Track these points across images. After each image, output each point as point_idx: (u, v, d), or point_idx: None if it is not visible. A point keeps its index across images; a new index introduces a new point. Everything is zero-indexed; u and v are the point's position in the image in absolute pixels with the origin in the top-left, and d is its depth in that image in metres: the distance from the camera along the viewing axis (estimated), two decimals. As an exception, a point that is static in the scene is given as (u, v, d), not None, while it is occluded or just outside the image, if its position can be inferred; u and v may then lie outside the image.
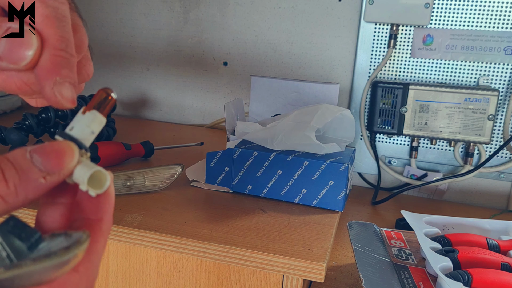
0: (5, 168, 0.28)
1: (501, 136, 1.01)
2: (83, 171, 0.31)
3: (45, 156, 0.29)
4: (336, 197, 0.75)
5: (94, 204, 0.33)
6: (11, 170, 0.28)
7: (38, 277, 0.28)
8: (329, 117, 0.79)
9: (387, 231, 0.75)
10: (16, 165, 0.28)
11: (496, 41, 0.98)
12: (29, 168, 0.28)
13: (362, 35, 1.06)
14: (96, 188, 0.32)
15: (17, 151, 0.29)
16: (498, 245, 0.67)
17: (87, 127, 0.32)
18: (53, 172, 0.29)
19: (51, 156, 0.29)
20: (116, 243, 0.71)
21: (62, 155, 0.30)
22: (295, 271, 0.62)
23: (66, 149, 0.30)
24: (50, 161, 0.29)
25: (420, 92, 0.99)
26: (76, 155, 0.30)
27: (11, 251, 0.28)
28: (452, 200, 1.08)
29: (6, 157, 0.29)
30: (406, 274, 0.63)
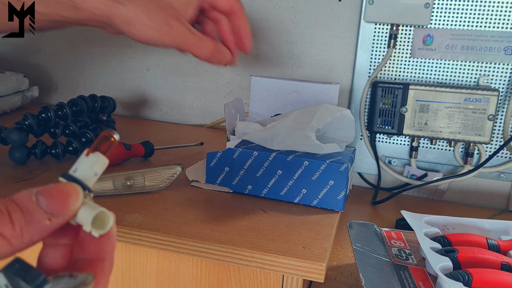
0: (12, 211, 0.28)
1: (501, 136, 1.01)
2: (87, 213, 0.32)
3: (50, 198, 0.30)
4: (336, 197, 0.75)
5: (96, 244, 0.34)
6: (17, 212, 0.28)
7: None
8: (329, 117, 0.79)
9: (387, 231, 0.75)
10: (22, 207, 0.29)
11: (496, 41, 0.98)
12: (35, 210, 0.29)
13: (362, 35, 1.06)
14: (99, 229, 0.33)
15: (23, 193, 0.30)
16: (498, 245, 0.67)
17: (90, 169, 0.33)
18: (58, 214, 0.30)
19: (56, 198, 0.30)
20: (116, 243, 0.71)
21: (67, 197, 0.30)
22: (295, 271, 0.62)
23: (71, 191, 0.31)
24: (55, 203, 0.30)
25: (420, 92, 0.99)
26: (80, 197, 0.31)
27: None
28: (452, 200, 1.08)
29: (12, 199, 0.29)
30: (406, 274, 0.63)
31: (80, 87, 1.38)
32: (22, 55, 1.42)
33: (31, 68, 1.42)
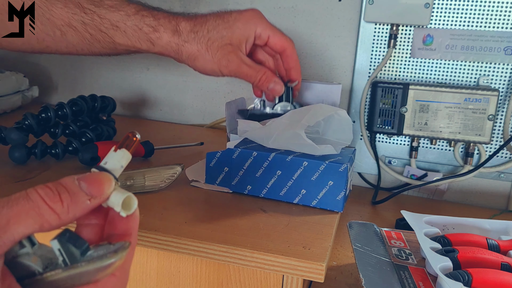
0: (60, 191, 0.35)
1: (501, 136, 1.01)
2: (117, 196, 0.38)
3: (90, 183, 0.37)
4: (335, 198, 0.75)
5: (124, 223, 0.41)
6: (65, 193, 0.35)
7: (87, 278, 0.36)
8: (321, 116, 0.79)
9: (387, 231, 0.75)
10: (68, 189, 0.36)
11: (496, 41, 0.98)
12: (78, 192, 0.36)
13: (362, 35, 1.06)
14: (127, 210, 0.39)
15: (67, 178, 0.37)
16: (498, 245, 0.67)
17: (117, 162, 0.40)
18: (95, 196, 0.37)
19: (95, 183, 0.37)
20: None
21: (103, 183, 0.37)
22: (295, 271, 0.62)
23: (105, 179, 0.38)
24: (94, 188, 0.37)
25: (420, 92, 0.99)
26: (112, 184, 0.38)
27: (66, 256, 0.36)
28: (452, 200, 1.08)
29: (60, 183, 0.36)
30: (406, 274, 0.63)
31: (80, 87, 1.38)
32: (22, 55, 1.42)
33: (31, 68, 1.42)
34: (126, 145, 0.41)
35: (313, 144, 0.75)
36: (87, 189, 0.37)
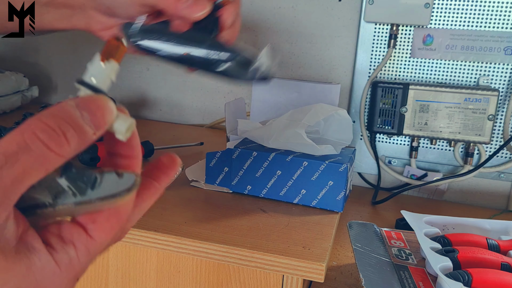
0: (65, 130, 0.30)
1: (501, 136, 1.01)
2: (120, 123, 0.34)
3: (92, 113, 0.32)
4: (335, 198, 0.75)
5: (126, 144, 0.37)
6: (70, 131, 0.30)
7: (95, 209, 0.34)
8: (321, 116, 0.79)
9: (387, 231, 0.75)
10: (73, 125, 0.31)
11: (496, 41, 0.98)
12: (84, 127, 0.31)
13: (362, 35, 1.06)
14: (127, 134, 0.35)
15: (67, 107, 0.31)
16: (498, 245, 0.67)
17: (107, 77, 0.34)
18: (99, 127, 0.32)
19: (97, 113, 0.32)
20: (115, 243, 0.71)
21: (105, 111, 0.32)
22: (295, 271, 0.62)
23: (106, 106, 0.33)
24: (97, 118, 0.32)
25: (420, 92, 0.99)
26: (114, 110, 0.33)
27: (77, 191, 0.33)
28: (452, 200, 1.08)
29: (61, 117, 0.31)
30: (406, 274, 0.63)
31: (80, 87, 1.38)
32: (22, 55, 1.42)
33: (31, 68, 1.42)
34: (113, 55, 0.35)
35: (313, 144, 0.75)
36: (90, 121, 0.32)
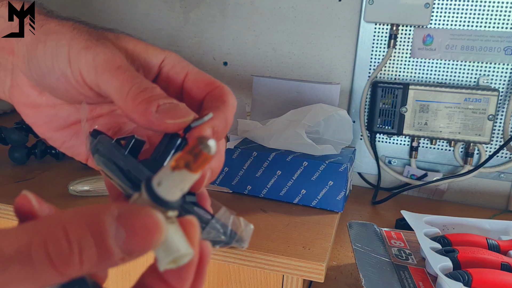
0: (85, 248, 0.23)
1: (501, 136, 1.01)
2: (162, 252, 0.27)
3: (131, 233, 0.24)
4: (335, 198, 0.75)
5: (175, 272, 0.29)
6: (91, 250, 0.23)
7: None
8: (321, 116, 0.79)
9: (387, 231, 0.75)
10: (99, 245, 0.23)
11: (496, 41, 0.98)
12: (111, 250, 0.24)
13: (362, 35, 1.06)
14: (172, 264, 0.27)
15: (102, 218, 0.24)
16: (498, 245, 0.67)
17: (174, 186, 0.27)
18: (132, 254, 0.24)
19: (138, 237, 0.24)
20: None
21: (150, 237, 0.24)
22: (295, 271, 0.62)
23: (155, 229, 0.25)
24: (135, 244, 0.24)
25: (420, 92, 0.99)
26: (162, 238, 0.25)
27: None
28: (452, 200, 1.08)
29: (90, 230, 0.23)
30: (406, 274, 0.63)
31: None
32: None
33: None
34: (192, 166, 0.26)
35: (313, 144, 0.75)
36: (123, 244, 0.24)
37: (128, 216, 0.24)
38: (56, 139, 0.43)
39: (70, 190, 0.75)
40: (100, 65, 0.36)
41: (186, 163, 0.26)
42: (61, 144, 0.43)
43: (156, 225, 0.24)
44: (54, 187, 0.79)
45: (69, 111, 0.42)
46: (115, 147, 0.36)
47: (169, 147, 0.35)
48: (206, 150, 0.26)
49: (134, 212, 0.24)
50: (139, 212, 0.24)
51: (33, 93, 0.41)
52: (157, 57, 0.41)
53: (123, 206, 0.25)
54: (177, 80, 0.40)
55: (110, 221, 0.24)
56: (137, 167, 0.34)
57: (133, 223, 0.24)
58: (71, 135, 0.43)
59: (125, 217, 0.24)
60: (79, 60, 0.36)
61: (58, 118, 0.42)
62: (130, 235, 0.24)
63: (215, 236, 0.34)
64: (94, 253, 0.23)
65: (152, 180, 0.27)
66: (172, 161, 0.26)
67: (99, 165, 0.37)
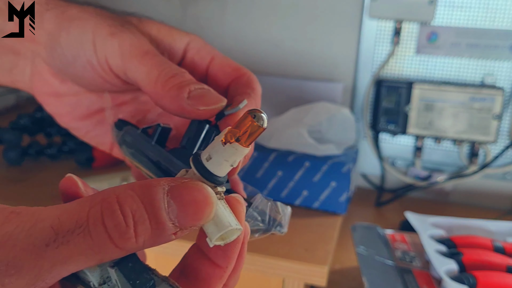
0: (139, 221, 0.24)
1: (507, 135, 1.00)
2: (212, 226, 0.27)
3: (183, 208, 0.25)
4: (338, 199, 0.73)
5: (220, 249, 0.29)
6: (145, 223, 0.24)
7: None
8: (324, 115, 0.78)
9: (391, 234, 0.74)
10: (151, 217, 0.24)
11: (502, 39, 0.97)
12: (164, 224, 0.24)
13: (365, 32, 1.04)
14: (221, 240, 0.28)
15: (155, 191, 0.24)
16: (504, 247, 0.66)
17: (225, 161, 0.27)
18: (185, 228, 0.25)
19: (189, 210, 0.25)
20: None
21: (201, 210, 0.25)
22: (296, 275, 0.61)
23: (207, 203, 0.25)
24: (187, 216, 0.25)
25: (424, 90, 0.98)
26: (213, 211, 0.26)
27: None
28: (457, 201, 1.06)
29: (143, 204, 0.24)
30: (410, 278, 0.62)
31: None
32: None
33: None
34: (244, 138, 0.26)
35: (315, 144, 0.74)
36: (176, 218, 0.24)
37: (179, 190, 0.25)
38: (80, 129, 0.43)
39: (65, 191, 0.74)
40: (127, 52, 0.35)
41: (237, 137, 0.26)
42: (85, 133, 0.44)
43: (207, 199, 0.25)
44: (49, 188, 0.78)
45: (91, 99, 0.42)
46: (143, 138, 0.37)
47: (198, 134, 0.35)
48: (260, 122, 0.26)
49: (184, 186, 0.25)
50: (190, 186, 0.25)
51: (55, 81, 0.41)
52: (181, 41, 0.41)
53: (174, 179, 0.25)
54: (202, 64, 0.40)
55: (161, 195, 0.24)
56: (167, 157, 0.35)
57: (184, 196, 0.25)
58: (94, 124, 0.43)
59: (176, 191, 0.25)
60: (105, 47, 0.36)
61: (80, 107, 0.42)
62: (182, 208, 0.24)
63: (253, 225, 0.34)
64: (148, 226, 0.24)
65: (200, 155, 0.27)
66: (221, 135, 0.26)
67: (127, 156, 0.38)
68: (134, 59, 0.35)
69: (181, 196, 0.25)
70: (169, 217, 0.24)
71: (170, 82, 0.33)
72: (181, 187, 0.25)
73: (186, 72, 0.35)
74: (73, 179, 0.30)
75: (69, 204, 0.25)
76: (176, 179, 0.25)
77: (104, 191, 0.25)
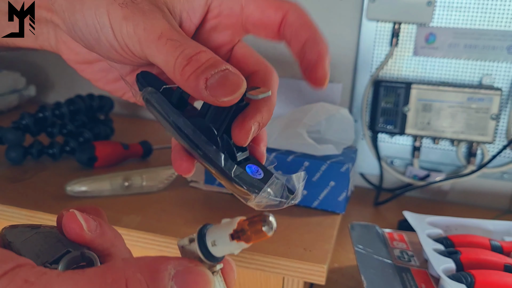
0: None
1: (505, 135, 1.00)
2: None
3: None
4: (337, 199, 0.74)
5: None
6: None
7: None
8: (323, 115, 0.78)
9: (389, 233, 0.74)
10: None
11: (499, 40, 0.97)
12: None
13: (364, 33, 1.05)
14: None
15: (162, 276, 0.27)
16: (501, 246, 0.67)
17: (229, 251, 0.30)
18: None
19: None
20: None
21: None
22: (295, 273, 0.61)
23: (206, 285, 0.28)
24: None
25: (422, 91, 0.98)
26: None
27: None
28: (455, 200, 1.07)
29: (148, 286, 0.26)
30: (408, 276, 0.62)
31: (78, 86, 1.37)
32: (19, 54, 1.41)
33: (28, 67, 1.41)
34: (249, 239, 0.28)
35: (314, 144, 0.74)
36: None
37: (184, 276, 0.27)
38: (117, 90, 0.43)
39: (67, 190, 0.75)
40: (143, 37, 0.34)
41: (245, 238, 0.28)
42: (123, 94, 0.43)
43: (207, 284, 0.28)
44: (50, 187, 0.78)
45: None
46: (163, 101, 0.38)
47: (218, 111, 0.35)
48: (269, 232, 0.28)
49: (189, 271, 0.27)
50: (194, 272, 0.28)
51: (82, 50, 0.40)
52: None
53: (180, 263, 0.28)
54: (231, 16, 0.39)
55: (167, 280, 0.27)
56: (185, 124, 0.36)
57: (188, 281, 0.27)
58: (132, 83, 0.42)
59: (181, 277, 0.27)
60: (122, 33, 0.35)
61: (113, 71, 0.42)
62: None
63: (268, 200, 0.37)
64: None
65: (206, 237, 0.30)
66: (230, 228, 0.29)
67: (151, 112, 0.39)
68: (151, 45, 0.34)
69: (184, 281, 0.27)
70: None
71: (187, 71, 0.32)
72: (186, 273, 0.27)
73: (202, 52, 0.33)
74: (76, 218, 0.32)
75: (81, 277, 0.26)
76: (182, 263, 0.28)
77: (115, 268, 0.27)
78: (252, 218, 0.28)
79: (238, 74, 0.33)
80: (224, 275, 0.31)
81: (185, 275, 0.27)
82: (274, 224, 0.28)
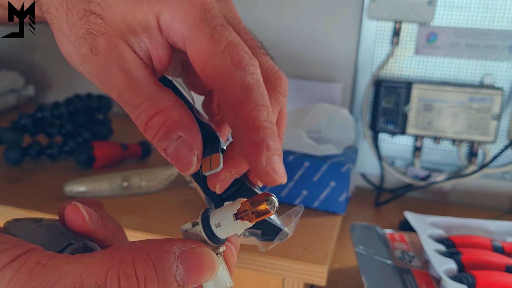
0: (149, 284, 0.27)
1: (506, 135, 1.00)
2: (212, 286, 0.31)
3: (190, 272, 0.28)
4: (337, 199, 0.73)
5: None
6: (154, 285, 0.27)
7: None
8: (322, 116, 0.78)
9: (390, 233, 0.74)
10: (161, 281, 0.27)
11: (501, 40, 0.97)
12: (171, 284, 0.28)
13: (364, 32, 1.04)
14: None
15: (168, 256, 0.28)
16: (503, 247, 0.66)
17: (232, 231, 0.30)
18: (187, 286, 0.28)
19: (195, 273, 0.28)
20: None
21: (203, 273, 0.29)
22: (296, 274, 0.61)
23: (209, 268, 0.29)
24: (191, 277, 0.28)
25: (423, 91, 0.98)
26: (215, 274, 0.30)
27: None
28: (456, 201, 1.06)
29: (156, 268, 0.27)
30: (409, 277, 0.62)
31: (76, 85, 1.37)
32: (17, 53, 1.41)
33: (27, 66, 1.40)
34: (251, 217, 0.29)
35: (314, 144, 0.74)
36: (181, 278, 0.28)
37: (189, 256, 0.28)
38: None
39: (66, 191, 0.74)
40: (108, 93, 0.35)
41: (249, 217, 0.29)
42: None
43: (212, 264, 0.29)
44: (49, 188, 0.78)
45: None
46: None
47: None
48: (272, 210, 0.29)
49: (193, 252, 0.29)
50: (199, 253, 0.29)
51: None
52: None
53: (185, 244, 0.29)
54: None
55: (172, 260, 0.28)
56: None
57: (193, 262, 0.28)
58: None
59: (186, 256, 0.28)
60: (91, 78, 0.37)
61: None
62: (188, 272, 0.28)
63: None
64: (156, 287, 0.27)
65: (210, 219, 0.30)
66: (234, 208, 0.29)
67: None
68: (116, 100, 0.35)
69: (189, 261, 0.28)
70: (175, 278, 0.28)
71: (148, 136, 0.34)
72: (190, 253, 0.28)
73: (154, 116, 0.34)
74: (79, 209, 0.34)
75: (90, 259, 0.27)
76: (187, 244, 0.29)
77: (122, 249, 0.28)
78: (255, 198, 0.29)
79: (190, 145, 0.32)
80: (226, 259, 0.32)
81: (190, 255, 0.28)
82: (276, 203, 0.29)
